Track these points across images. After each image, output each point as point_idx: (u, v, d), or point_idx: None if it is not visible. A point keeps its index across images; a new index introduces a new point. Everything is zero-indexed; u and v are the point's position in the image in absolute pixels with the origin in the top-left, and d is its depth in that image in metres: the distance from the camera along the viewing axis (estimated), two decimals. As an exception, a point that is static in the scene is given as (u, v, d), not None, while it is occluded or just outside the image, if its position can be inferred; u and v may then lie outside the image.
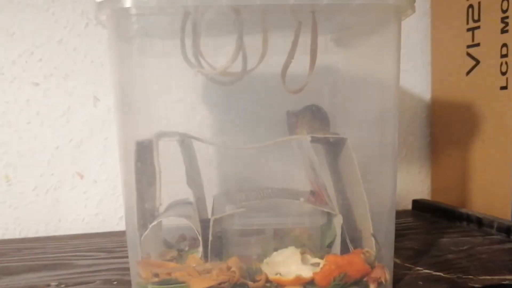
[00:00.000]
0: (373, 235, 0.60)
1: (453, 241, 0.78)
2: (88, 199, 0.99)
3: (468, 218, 0.90)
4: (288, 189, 0.74)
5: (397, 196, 0.67)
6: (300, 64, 0.67)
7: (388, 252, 0.60)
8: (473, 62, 0.96)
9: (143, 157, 0.59)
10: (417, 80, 1.15)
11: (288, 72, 0.67)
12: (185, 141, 0.66)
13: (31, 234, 0.96)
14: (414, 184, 1.15)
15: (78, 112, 0.98)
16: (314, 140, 0.62)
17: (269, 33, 0.63)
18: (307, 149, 0.66)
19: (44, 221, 0.97)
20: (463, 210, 0.92)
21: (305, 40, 0.65)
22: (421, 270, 0.64)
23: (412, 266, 0.66)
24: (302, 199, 0.65)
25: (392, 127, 0.60)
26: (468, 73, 0.97)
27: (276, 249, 0.61)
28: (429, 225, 0.91)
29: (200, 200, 0.66)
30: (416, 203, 1.08)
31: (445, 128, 1.07)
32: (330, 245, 0.64)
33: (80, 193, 0.99)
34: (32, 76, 0.96)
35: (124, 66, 0.60)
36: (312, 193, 0.73)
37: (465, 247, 0.74)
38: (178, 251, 0.68)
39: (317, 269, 0.56)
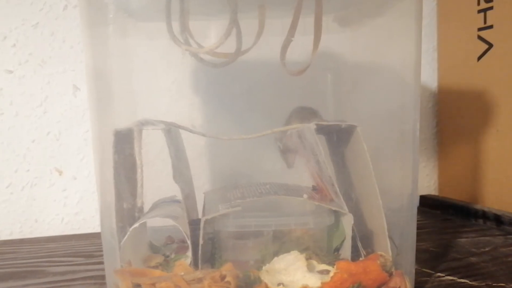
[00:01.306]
0: (390, 237, 0.52)
1: (472, 242, 0.70)
2: (67, 197, 0.91)
3: (484, 216, 0.82)
4: (288, 185, 0.67)
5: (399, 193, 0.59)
6: (301, 46, 0.59)
7: (408, 256, 0.52)
8: (485, 46, 0.88)
9: (122, 148, 0.50)
10: (423, 67, 1.06)
11: (288, 55, 0.59)
12: (172, 131, 0.58)
13: (4, 236, 0.87)
14: (419, 178, 1.07)
15: (56, 102, 0.90)
16: (319, 128, 0.54)
17: (266, 10, 0.55)
18: (310, 139, 0.57)
19: (19, 221, 0.89)
20: (479, 207, 0.85)
21: (306, 20, 0.58)
22: (443, 276, 0.56)
23: (432, 272, 0.58)
24: (305, 196, 0.57)
25: (411, 114, 0.53)
26: (479, 58, 0.90)
27: (276, 254, 0.54)
28: (441, 223, 0.83)
29: (189, 197, 0.57)
30: (424, 199, 1.00)
31: (453, 118, 0.99)
32: (338, 249, 0.57)
33: (58, 191, 0.91)
34: (6, 63, 0.88)
35: (100, 49, 0.52)
36: (315, 189, 0.66)
37: (487, 249, 0.67)
38: (165, 256, 0.60)
39: (327, 278, 0.48)
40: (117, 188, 0.50)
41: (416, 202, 0.53)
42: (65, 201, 0.90)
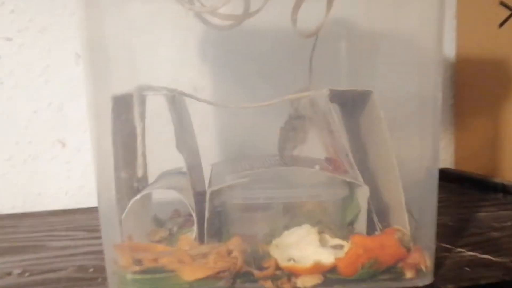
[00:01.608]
0: (409, 211, 0.48)
1: (493, 216, 0.67)
2: (71, 170, 0.88)
3: (504, 189, 0.78)
4: (299, 156, 0.63)
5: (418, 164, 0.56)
6: (315, 8, 0.56)
7: (428, 230, 0.48)
8: (508, 12, 0.83)
9: (121, 115, 0.47)
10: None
11: (301, 18, 0.55)
12: (176, 99, 0.54)
13: (6, 210, 0.84)
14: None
15: (58, 71, 0.86)
16: (332, 95, 0.50)
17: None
18: (323, 107, 0.54)
19: (22, 195, 0.86)
20: (498, 180, 0.81)
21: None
22: (464, 252, 0.53)
23: (452, 247, 0.54)
24: (317, 166, 0.53)
25: (432, 81, 0.49)
26: (501, 24, 0.85)
27: (287, 228, 0.50)
28: (459, 197, 0.80)
29: (194, 168, 0.54)
30: (440, 173, 0.95)
31: (472, 88, 0.95)
32: (352, 223, 0.53)
33: (62, 164, 0.87)
34: (4, 30, 0.84)
35: (95, 11, 0.48)
36: (328, 160, 0.62)
37: (509, 223, 0.63)
38: (170, 230, 0.57)
39: (341, 253, 0.45)
40: (116, 157, 0.47)
41: (436, 174, 0.49)
42: (69, 174, 0.87)
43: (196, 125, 0.61)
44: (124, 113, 0.48)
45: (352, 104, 0.56)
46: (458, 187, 0.88)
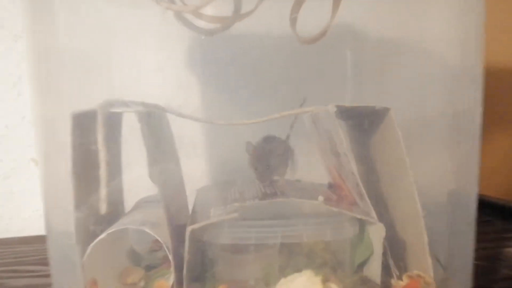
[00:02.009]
0: (435, 257, 0.40)
1: (524, 252, 0.57)
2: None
3: (532, 218, 0.69)
4: (299, 183, 0.55)
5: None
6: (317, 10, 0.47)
7: (463, 278, 0.39)
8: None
9: (82, 137, 0.38)
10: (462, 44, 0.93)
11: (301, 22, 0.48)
12: (153, 115, 0.46)
13: (-28, 236, 0.75)
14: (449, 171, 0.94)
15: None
16: (339, 112, 0.42)
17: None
18: (327, 125, 0.45)
19: (-9, 219, 0.77)
20: (524, 206, 0.72)
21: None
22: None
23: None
24: (321, 198, 0.44)
25: (467, 90, 0.40)
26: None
27: (284, 273, 0.42)
28: (479, 227, 0.70)
29: (174, 198, 0.45)
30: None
31: (494, 100, 0.86)
32: (362, 265, 0.44)
33: (37, 184, 0.78)
34: (-27, 37, 0.75)
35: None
36: (332, 187, 0.53)
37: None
38: (147, 270, 0.49)
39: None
40: (76, 190, 0.38)
41: (474, 205, 0.41)
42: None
43: (181, 145, 0.52)
44: (87, 135, 0.39)
45: (362, 123, 0.47)
46: (478, 213, 0.78)
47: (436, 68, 0.49)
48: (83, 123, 0.39)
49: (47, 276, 0.51)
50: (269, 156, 0.51)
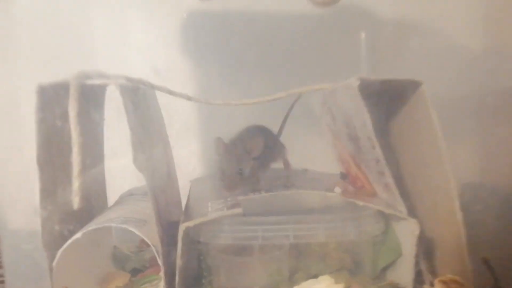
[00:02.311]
0: (486, 260, 0.33)
1: None
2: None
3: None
4: (307, 172, 0.49)
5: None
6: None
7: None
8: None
9: (51, 114, 0.31)
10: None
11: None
12: (140, 93, 0.38)
13: None
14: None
15: None
16: (364, 85, 0.35)
17: None
18: (346, 104, 0.38)
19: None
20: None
21: None
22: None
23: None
24: (338, 189, 0.38)
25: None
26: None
27: (296, 279, 0.34)
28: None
29: (164, 190, 0.38)
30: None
31: None
32: (385, 269, 0.39)
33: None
34: None
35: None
36: (344, 177, 0.47)
37: None
38: (133, 273, 0.42)
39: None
40: (43, 180, 0.30)
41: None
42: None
43: (173, 130, 0.45)
44: (57, 112, 0.31)
45: (385, 100, 0.40)
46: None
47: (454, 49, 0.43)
48: (52, 98, 0.32)
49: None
50: (244, 158, 0.40)
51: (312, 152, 0.53)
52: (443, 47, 0.50)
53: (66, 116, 0.31)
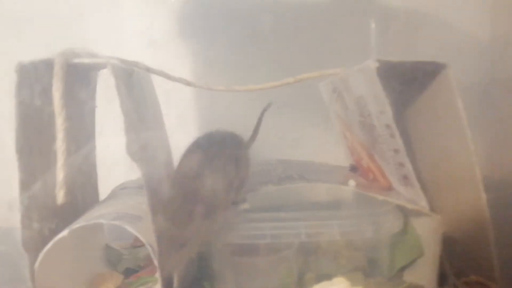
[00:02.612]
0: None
1: None
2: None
3: None
4: (313, 164, 0.46)
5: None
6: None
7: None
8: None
9: (31, 96, 0.27)
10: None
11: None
12: (136, 77, 0.35)
13: None
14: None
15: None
16: (383, 68, 0.31)
17: None
18: (361, 90, 0.35)
19: None
20: None
21: None
22: None
23: None
24: (352, 182, 0.34)
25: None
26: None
27: (307, 281, 0.31)
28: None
29: (160, 183, 0.34)
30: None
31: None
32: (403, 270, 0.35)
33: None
34: None
35: None
36: (354, 169, 0.44)
37: None
38: (126, 274, 0.38)
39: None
40: (22, 172, 0.27)
41: None
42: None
43: (169, 118, 0.42)
44: (39, 93, 0.28)
45: (403, 85, 0.36)
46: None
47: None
48: (34, 77, 0.28)
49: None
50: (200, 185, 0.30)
51: (319, 144, 0.50)
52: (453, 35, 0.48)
53: (49, 99, 0.27)
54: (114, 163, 0.40)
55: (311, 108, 0.49)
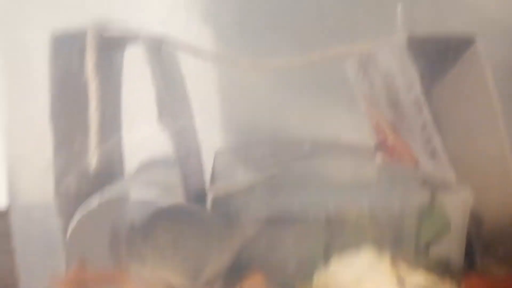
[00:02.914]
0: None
1: None
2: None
3: None
4: (338, 145, 0.44)
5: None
6: None
7: None
8: None
9: (66, 66, 0.28)
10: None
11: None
12: (163, 51, 0.35)
13: None
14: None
15: None
16: (412, 42, 0.31)
17: None
18: (389, 65, 0.35)
19: None
20: None
21: None
22: None
23: None
24: (379, 157, 0.34)
25: None
26: None
27: (329, 251, 0.31)
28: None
29: (189, 155, 0.35)
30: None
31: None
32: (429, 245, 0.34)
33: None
34: None
35: None
36: (379, 148, 0.43)
37: None
38: None
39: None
40: (57, 140, 0.27)
41: None
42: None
43: (194, 93, 0.42)
44: (72, 64, 0.28)
45: (432, 60, 0.36)
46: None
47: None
48: (67, 49, 0.29)
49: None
50: None
51: (343, 124, 0.50)
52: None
53: (82, 69, 0.28)
54: (140, 144, 0.40)
55: (335, 88, 0.49)
